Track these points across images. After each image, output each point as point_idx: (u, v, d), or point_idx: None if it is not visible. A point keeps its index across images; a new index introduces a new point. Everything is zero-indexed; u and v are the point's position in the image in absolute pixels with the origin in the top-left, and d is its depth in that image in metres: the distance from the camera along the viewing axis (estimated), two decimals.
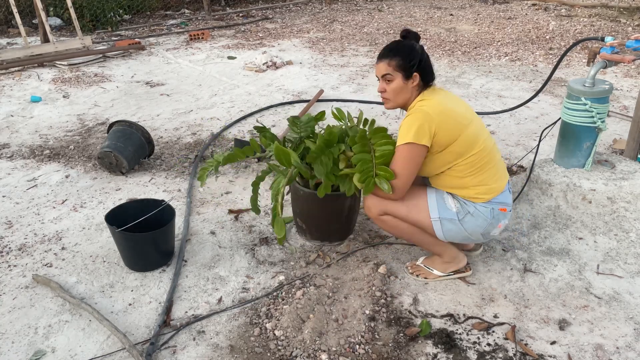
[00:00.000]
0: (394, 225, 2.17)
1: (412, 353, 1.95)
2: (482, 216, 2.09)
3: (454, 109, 2.04)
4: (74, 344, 2.02)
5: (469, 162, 2.04)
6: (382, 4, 9.77)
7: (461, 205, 2.10)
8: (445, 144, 2.01)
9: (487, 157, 2.07)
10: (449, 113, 2.01)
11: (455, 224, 2.10)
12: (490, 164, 2.09)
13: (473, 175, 2.06)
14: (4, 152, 3.81)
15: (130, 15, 8.92)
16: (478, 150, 2.04)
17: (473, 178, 2.07)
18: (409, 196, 2.12)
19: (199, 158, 3.55)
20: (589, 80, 2.60)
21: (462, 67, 5.68)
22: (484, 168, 2.07)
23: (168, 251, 2.48)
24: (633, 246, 2.46)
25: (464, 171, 2.06)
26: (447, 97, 2.09)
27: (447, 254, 2.26)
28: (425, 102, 2.03)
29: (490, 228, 2.13)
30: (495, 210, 2.10)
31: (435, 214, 2.10)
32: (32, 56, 5.98)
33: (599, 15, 7.96)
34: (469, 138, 2.03)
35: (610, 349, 1.95)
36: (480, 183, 2.07)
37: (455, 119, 2.02)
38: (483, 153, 2.06)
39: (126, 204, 2.57)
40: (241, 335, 2.05)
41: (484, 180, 2.08)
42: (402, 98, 2.10)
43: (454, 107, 2.05)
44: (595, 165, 2.77)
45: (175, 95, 5.01)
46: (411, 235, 2.20)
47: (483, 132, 2.11)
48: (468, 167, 2.05)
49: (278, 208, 2.20)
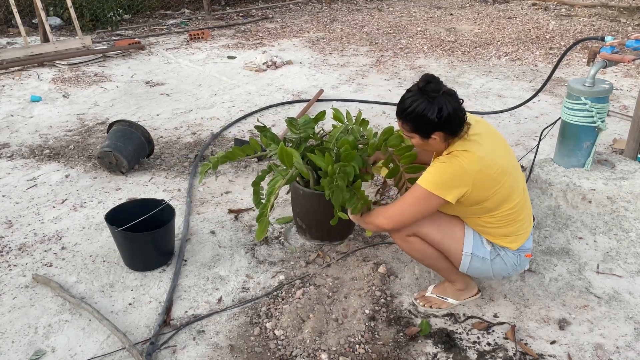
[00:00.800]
0: (419, 249, 2.00)
1: (412, 353, 1.95)
2: (510, 262, 1.98)
3: (493, 162, 1.81)
4: (74, 344, 2.02)
5: (498, 217, 1.90)
6: (382, 3, 9.76)
7: (493, 247, 1.98)
8: (476, 201, 1.85)
9: (522, 209, 1.92)
10: (487, 170, 1.79)
11: (485, 263, 1.97)
12: (522, 214, 1.93)
13: (501, 227, 1.93)
14: (4, 151, 3.80)
15: (130, 15, 8.92)
16: (511, 206, 1.88)
17: (501, 229, 1.94)
18: (446, 223, 1.97)
19: (199, 158, 3.55)
20: (589, 80, 2.60)
21: (462, 66, 5.68)
22: (516, 219, 1.92)
23: (168, 251, 2.48)
24: (633, 246, 2.46)
25: (493, 223, 1.92)
26: (485, 143, 1.84)
27: (461, 281, 2.14)
28: (464, 156, 1.79)
29: (513, 273, 2.03)
30: (522, 257, 2.00)
31: (468, 249, 1.96)
32: (32, 56, 5.98)
33: (599, 15, 7.96)
34: (503, 196, 1.85)
35: (610, 349, 1.95)
36: (508, 234, 1.95)
37: (493, 176, 1.80)
38: (517, 206, 1.89)
39: (126, 204, 2.57)
40: (241, 334, 2.05)
41: (512, 232, 1.95)
42: (431, 149, 1.92)
43: (493, 159, 1.81)
44: (595, 165, 2.77)
45: (175, 95, 5.01)
46: (434, 260, 2.05)
47: (518, 183, 1.92)
48: (497, 220, 1.91)
49: (267, 207, 2.17)
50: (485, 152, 1.81)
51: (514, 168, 1.91)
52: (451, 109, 1.76)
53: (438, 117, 1.75)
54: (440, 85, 1.79)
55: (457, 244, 1.96)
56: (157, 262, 2.44)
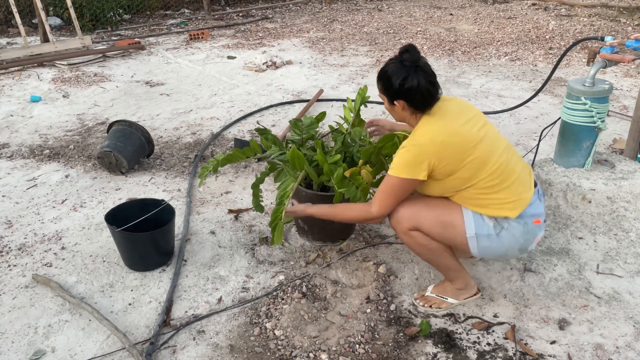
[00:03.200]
0: (422, 243, 1.99)
1: (412, 353, 1.95)
2: (517, 232, 1.93)
3: (458, 133, 1.86)
4: (74, 344, 2.02)
5: (481, 187, 1.88)
6: (382, 3, 9.76)
7: (496, 220, 1.93)
8: (449, 172, 1.87)
9: (504, 174, 1.89)
10: (452, 140, 1.84)
11: (492, 240, 1.93)
12: (508, 180, 1.90)
13: (489, 195, 1.90)
14: (4, 152, 3.80)
15: (130, 15, 8.92)
16: (490, 171, 1.87)
17: (491, 198, 1.90)
18: (445, 214, 1.96)
19: (199, 158, 3.55)
20: (589, 79, 2.60)
21: (462, 66, 5.68)
22: (501, 186, 1.89)
23: (168, 251, 2.48)
24: (633, 246, 2.46)
25: (479, 193, 1.90)
26: (452, 117, 1.90)
27: (460, 280, 2.13)
28: (424, 131, 1.87)
29: (527, 244, 1.97)
30: (529, 224, 1.93)
31: (471, 231, 1.93)
32: (32, 56, 5.98)
33: (598, 15, 7.96)
34: (477, 162, 1.85)
35: (610, 349, 1.95)
36: (501, 201, 1.90)
37: (461, 145, 1.84)
38: (497, 172, 1.87)
39: (126, 204, 2.57)
40: (241, 335, 2.05)
41: (505, 198, 1.90)
42: (398, 117, 1.99)
43: (458, 130, 1.86)
44: (595, 165, 2.77)
45: (175, 95, 5.01)
46: (437, 256, 2.04)
47: (496, 148, 1.91)
48: (480, 189, 1.89)
49: (281, 211, 2.17)
50: (448, 123, 1.88)
51: (490, 138, 1.92)
52: (416, 83, 1.82)
53: (400, 84, 1.84)
54: (416, 57, 1.85)
55: (459, 229, 1.95)
56: (157, 262, 2.44)
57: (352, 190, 2.16)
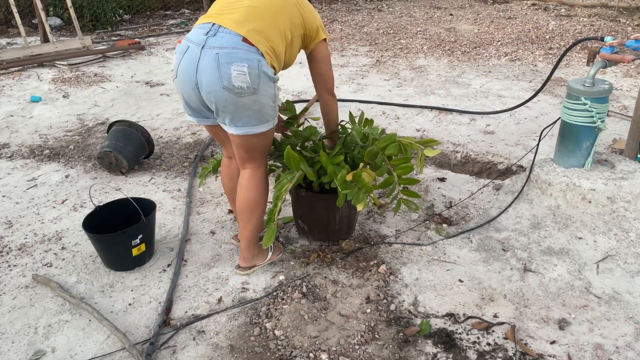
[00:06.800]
0: (262, 186, 2.27)
1: (412, 353, 1.95)
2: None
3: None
4: (74, 344, 2.02)
5: None
6: (382, 3, 9.77)
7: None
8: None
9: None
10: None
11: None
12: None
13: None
14: (4, 152, 3.81)
15: (130, 15, 8.92)
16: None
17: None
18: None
19: (199, 158, 3.56)
20: (589, 80, 2.60)
21: (462, 67, 5.68)
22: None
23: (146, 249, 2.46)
24: (633, 246, 2.46)
25: None
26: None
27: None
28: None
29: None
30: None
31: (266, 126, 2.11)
32: (32, 56, 5.98)
33: (598, 15, 7.96)
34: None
35: (610, 349, 1.95)
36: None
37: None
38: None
39: (103, 207, 2.54)
40: (241, 335, 2.05)
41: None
42: None
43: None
44: (595, 165, 2.77)
45: (175, 95, 5.01)
46: (262, 207, 2.29)
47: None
48: None
49: (275, 212, 2.17)
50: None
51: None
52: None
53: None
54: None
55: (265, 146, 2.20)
56: (133, 262, 2.43)
57: (354, 192, 2.17)
